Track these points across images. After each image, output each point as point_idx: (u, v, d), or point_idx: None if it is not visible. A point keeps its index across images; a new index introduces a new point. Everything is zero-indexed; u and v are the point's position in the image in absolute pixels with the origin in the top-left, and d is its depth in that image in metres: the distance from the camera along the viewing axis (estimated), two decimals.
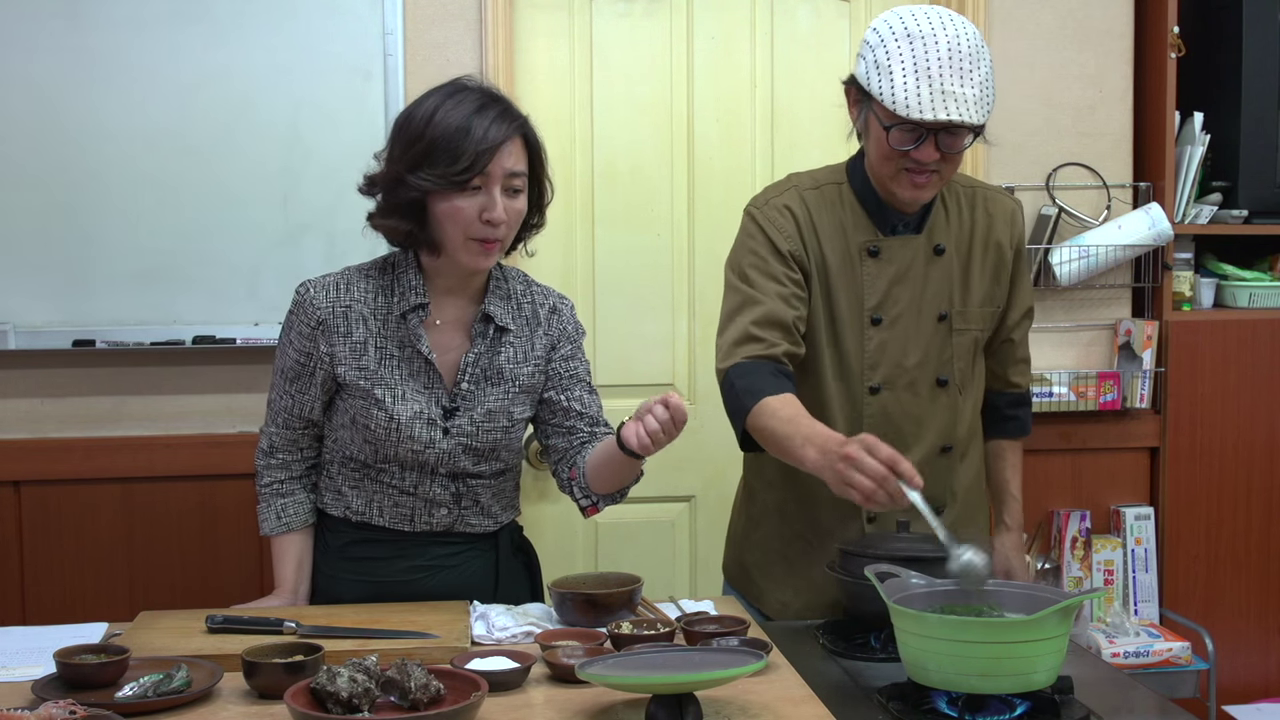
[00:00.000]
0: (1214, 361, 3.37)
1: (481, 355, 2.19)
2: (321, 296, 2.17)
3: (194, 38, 2.95)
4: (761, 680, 1.84)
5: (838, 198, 2.31)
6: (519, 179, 2.12)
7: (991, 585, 1.87)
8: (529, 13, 3.21)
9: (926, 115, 2.10)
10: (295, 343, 2.19)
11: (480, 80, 2.15)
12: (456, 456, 2.19)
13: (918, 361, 2.30)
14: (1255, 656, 3.42)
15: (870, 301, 2.28)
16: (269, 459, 2.28)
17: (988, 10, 3.26)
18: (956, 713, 1.72)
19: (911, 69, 2.12)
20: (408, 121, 2.10)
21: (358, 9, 3.01)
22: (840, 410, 2.29)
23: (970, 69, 2.12)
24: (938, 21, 2.14)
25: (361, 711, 1.62)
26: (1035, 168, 3.33)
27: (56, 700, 1.63)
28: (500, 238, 2.11)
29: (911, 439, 2.29)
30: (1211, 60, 3.35)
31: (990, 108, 2.17)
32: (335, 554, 2.27)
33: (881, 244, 2.28)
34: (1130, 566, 3.34)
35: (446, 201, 2.07)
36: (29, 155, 2.93)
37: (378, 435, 2.16)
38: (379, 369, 2.16)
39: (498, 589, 2.29)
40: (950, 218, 2.33)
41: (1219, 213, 3.36)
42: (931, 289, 2.30)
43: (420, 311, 2.17)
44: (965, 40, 2.13)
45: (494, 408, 2.20)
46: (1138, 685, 1.97)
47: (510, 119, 2.10)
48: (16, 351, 2.97)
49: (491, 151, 2.06)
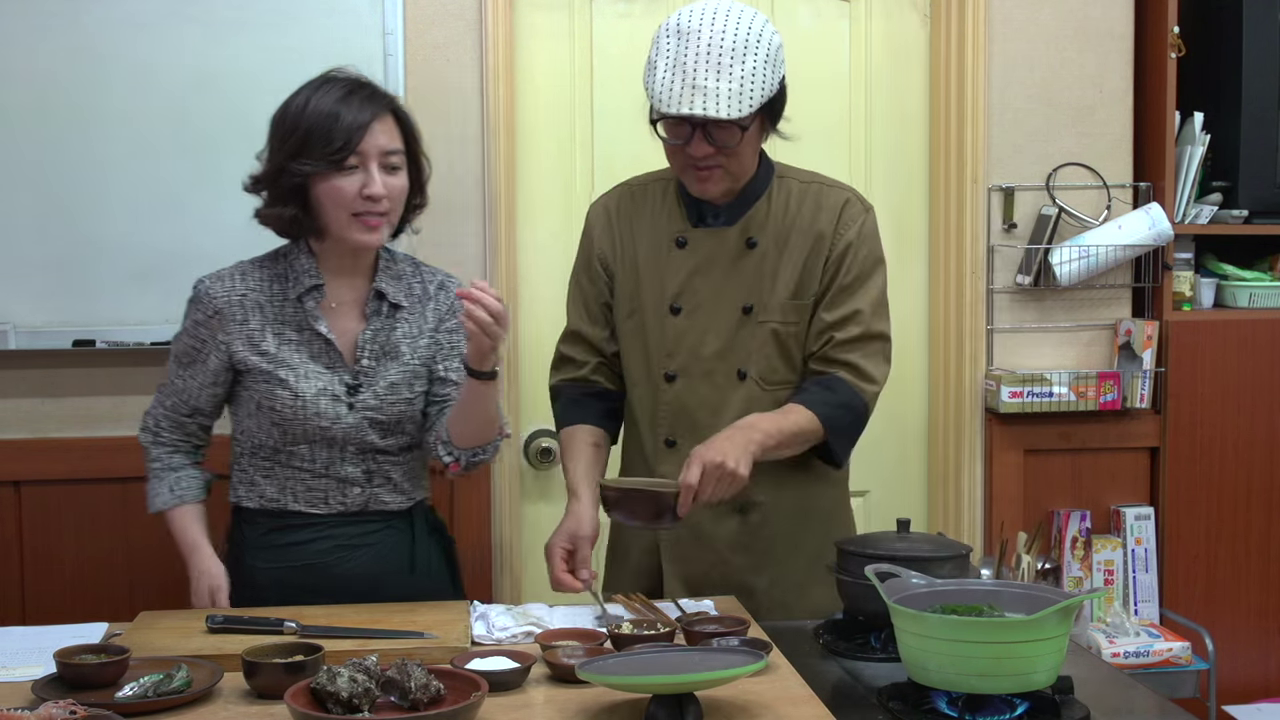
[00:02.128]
0: (1214, 361, 3.37)
1: (378, 332, 2.26)
2: (217, 288, 2.25)
3: (194, 38, 2.95)
4: (761, 680, 1.83)
5: (661, 193, 2.39)
6: (395, 156, 2.22)
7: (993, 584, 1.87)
8: (529, 13, 3.21)
9: (672, 109, 2.16)
10: (189, 330, 2.28)
11: (349, 70, 2.25)
12: (364, 430, 2.24)
13: (716, 352, 2.31)
14: (1255, 656, 3.42)
15: (671, 290, 2.33)
16: (155, 437, 2.34)
17: (988, 10, 3.26)
18: (956, 713, 1.73)
19: (669, 64, 2.18)
20: (283, 116, 2.22)
21: (358, 9, 3.01)
22: (642, 398, 2.38)
23: (730, 64, 2.14)
24: (709, 18, 2.17)
25: (361, 711, 1.62)
26: (1035, 168, 3.33)
27: (56, 700, 1.63)
28: (383, 212, 2.20)
29: (707, 430, 2.27)
30: (1211, 60, 3.35)
31: (753, 103, 2.16)
32: (253, 545, 2.30)
33: (689, 235, 2.33)
34: (1130, 566, 3.34)
35: (327, 183, 2.17)
36: (29, 155, 2.93)
37: (284, 415, 2.22)
38: (278, 352, 2.22)
39: (414, 566, 2.33)
40: (772, 211, 2.33)
41: (1219, 213, 3.36)
42: (737, 281, 2.31)
43: (315, 293, 2.24)
44: (732, 35, 2.14)
45: (395, 380, 2.26)
46: (1138, 685, 1.97)
47: (378, 99, 2.22)
48: (16, 351, 2.97)
49: (363, 129, 2.17)
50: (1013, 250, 3.32)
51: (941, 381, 3.39)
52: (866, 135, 3.38)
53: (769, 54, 2.18)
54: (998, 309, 3.33)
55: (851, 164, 3.37)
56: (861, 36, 3.36)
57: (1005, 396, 3.24)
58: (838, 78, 3.36)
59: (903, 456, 3.47)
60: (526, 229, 3.22)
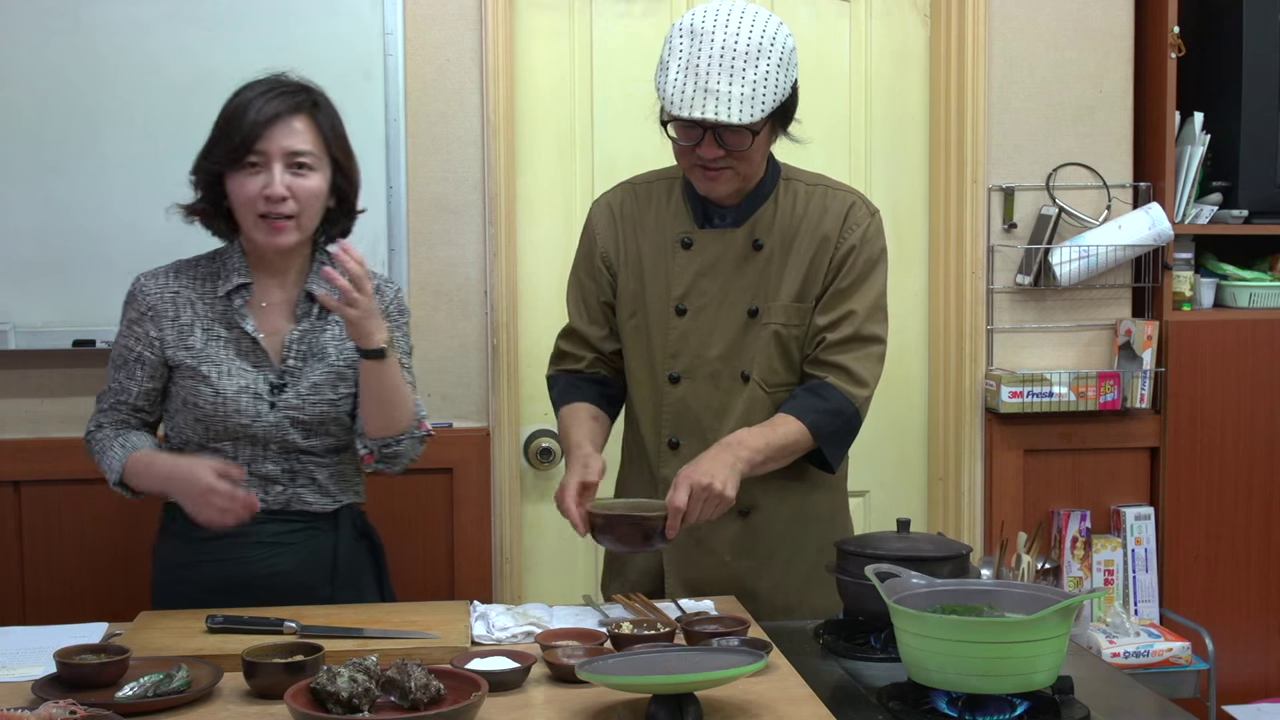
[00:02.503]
0: (1214, 361, 3.37)
1: (306, 333, 2.26)
2: (151, 285, 2.26)
3: (194, 38, 2.95)
4: (761, 680, 1.83)
5: (666, 192, 2.37)
6: (305, 157, 2.18)
7: (993, 584, 1.87)
8: (529, 13, 3.21)
9: (684, 112, 2.14)
10: (125, 330, 2.27)
11: (292, 75, 2.24)
12: (285, 429, 2.23)
13: (720, 354, 2.31)
14: (1255, 656, 3.42)
15: (676, 291, 2.32)
16: (98, 431, 2.30)
17: (988, 10, 3.26)
18: (956, 713, 1.73)
19: (681, 65, 2.15)
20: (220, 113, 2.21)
21: (358, 9, 3.01)
22: (645, 399, 2.37)
23: (743, 67, 2.12)
24: (723, 19, 2.15)
25: (361, 711, 1.62)
26: (1035, 168, 3.33)
27: (56, 700, 1.63)
28: (288, 214, 2.17)
29: (710, 432, 2.29)
30: (1211, 60, 3.35)
31: (765, 107, 2.15)
32: (177, 541, 2.29)
33: (695, 236, 2.32)
34: (1130, 566, 3.34)
35: (233, 180, 2.17)
36: (29, 155, 2.93)
37: (206, 411, 2.21)
38: (205, 348, 2.22)
39: (336, 570, 2.31)
40: (779, 213, 2.32)
41: (1219, 213, 3.36)
42: (743, 283, 2.30)
43: (244, 292, 2.24)
44: (746, 38, 2.13)
45: (319, 381, 2.25)
46: (1138, 685, 1.97)
47: (291, 97, 2.18)
48: (16, 351, 2.97)
49: (264, 125, 2.14)
50: (1013, 250, 3.32)
51: (941, 381, 3.39)
52: (866, 135, 3.38)
53: (782, 57, 2.16)
54: (998, 309, 3.33)
55: (851, 164, 3.37)
56: (861, 36, 3.36)
57: (1005, 396, 3.24)
58: (838, 78, 3.36)
59: (903, 456, 3.47)
60: (526, 229, 3.22)
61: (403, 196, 3.05)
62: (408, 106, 3.06)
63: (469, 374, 3.14)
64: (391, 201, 3.04)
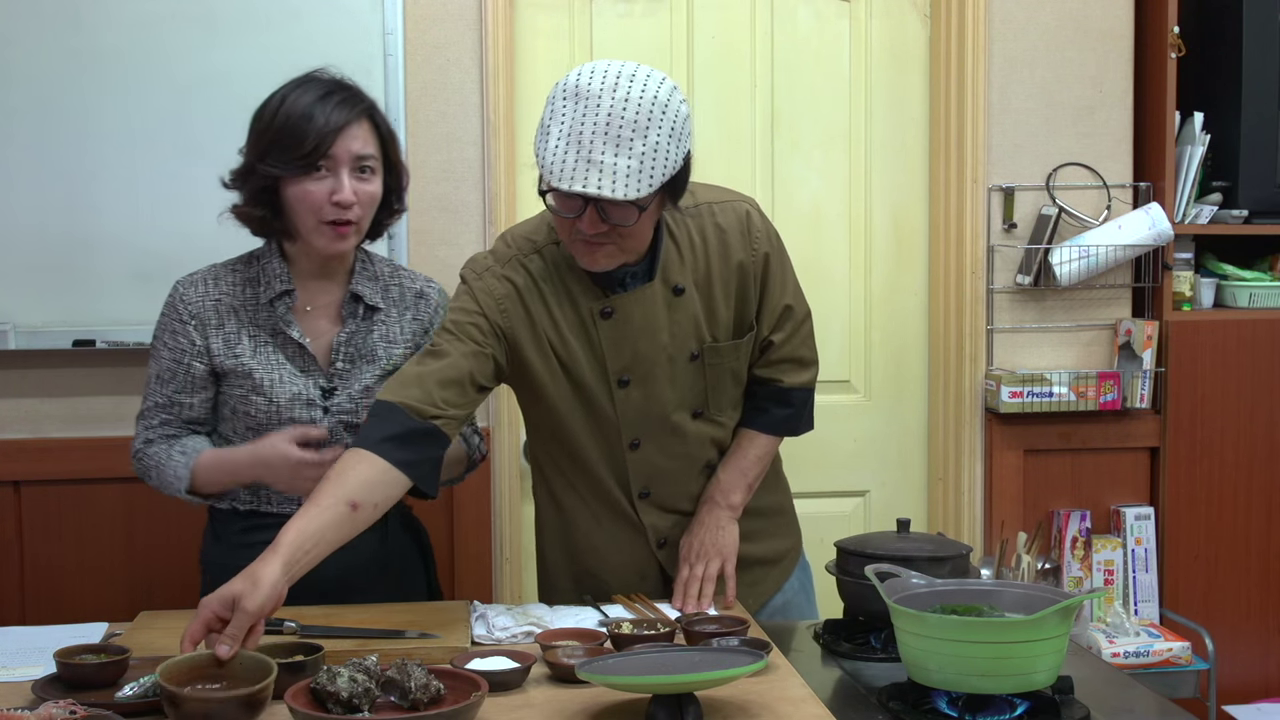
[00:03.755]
0: (1214, 361, 3.37)
1: (354, 335, 2.24)
2: (192, 292, 2.22)
3: (194, 38, 2.95)
4: (761, 680, 1.83)
5: (560, 259, 2.16)
6: (369, 161, 2.16)
7: (993, 584, 1.87)
8: (529, 13, 3.21)
9: (563, 184, 1.93)
10: (168, 342, 2.22)
11: (331, 71, 2.21)
12: (338, 434, 2.22)
13: (676, 405, 2.22)
14: (1255, 656, 3.42)
15: (615, 365, 2.17)
16: (148, 448, 2.21)
17: (988, 10, 3.26)
18: (956, 713, 1.72)
19: (563, 133, 1.94)
20: (260, 114, 2.17)
21: (358, 9, 3.01)
22: (599, 460, 2.25)
23: (630, 138, 1.92)
24: (610, 83, 1.94)
25: (361, 711, 1.62)
26: (1035, 168, 3.33)
27: (56, 700, 1.63)
28: (353, 219, 2.15)
29: (678, 474, 2.28)
30: (1211, 60, 3.35)
31: (655, 182, 1.95)
32: (227, 544, 2.26)
33: (613, 303, 2.14)
34: (1130, 566, 3.34)
35: (297, 186, 2.13)
36: (29, 155, 2.93)
37: (259, 420, 2.19)
38: (254, 356, 2.19)
39: (388, 564, 2.30)
40: (683, 252, 2.18)
41: (1219, 213, 3.36)
42: (677, 332, 2.18)
43: (287, 298, 2.21)
44: (635, 106, 1.93)
45: (370, 384, 2.23)
46: (1138, 685, 1.97)
47: (355, 102, 2.16)
48: (16, 351, 2.97)
49: (335, 134, 2.11)
50: (1013, 250, 3.32)
51: (941, 381, 3.39)
52: (866, 135, 3.38)
53: (674, 127, 1.97)
54: (998, 309, 3.33)
55: (851, 164, 3.37)
56: (861, 36, 3.36)
57: (1005, 396, 3.24)
58: (838, 78, 3.36)
59: (903, 456, 3.47)
60: None
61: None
62: (408, 106, 3.06)
63: None
64: None
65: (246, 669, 1.70)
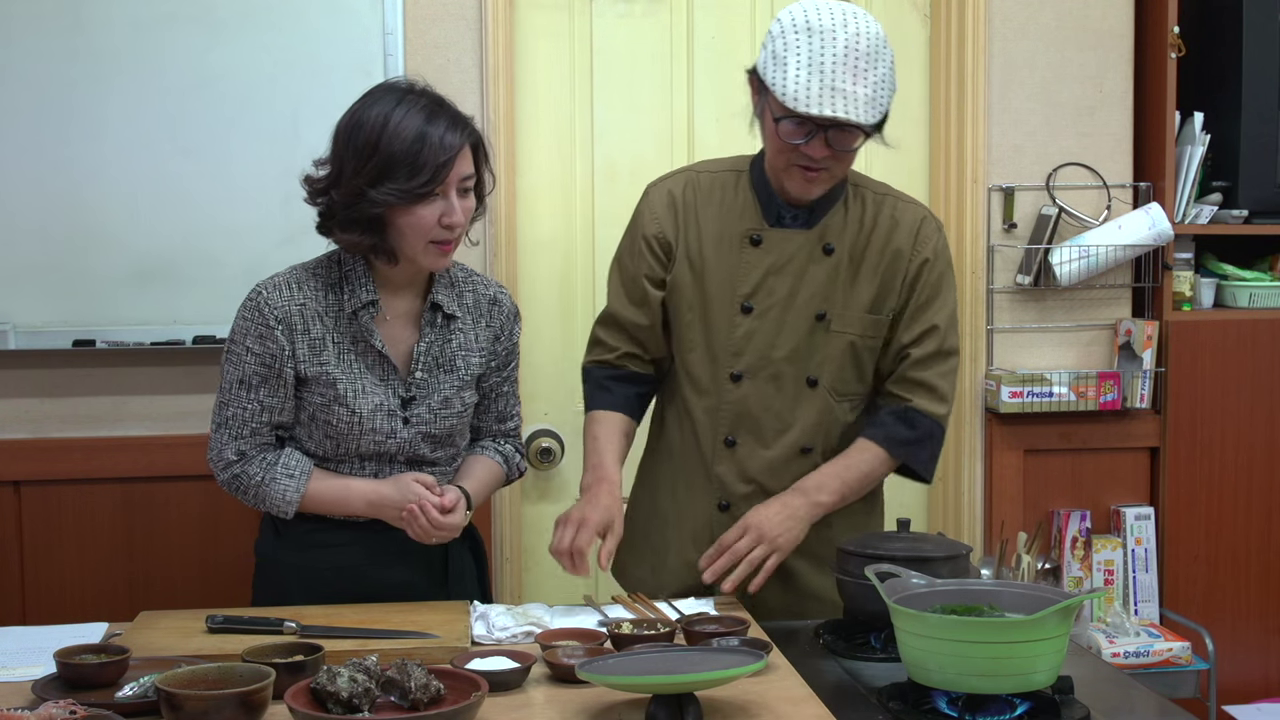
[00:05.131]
0: (1214, 361, 3.37)
1: (433, 344, 2.23)
2: (277, 296, 2.17)
3: (194, 38, 2.95)
4: (761, 680, 1.84)
5: (733, 184, 2.33)
6: (470, 180, 2.16)
7: (993, 584, 1.87)
8: (529, 13, 3.21)
9: (814, 110, 2.10)
10: (254, 347, 2.17)
11: (418, 81, 2.17)
12: (416, 444, 2.22)
13: (785, 356, 2.29)
14: (1255, 656, 3.42)
15: (743, 289, 2.29)
16: (245, 464, 2.19)
17: (988, 10, 3.26)
18: (956, 713, 1.73)
19: (805, 63, 2.12)
20: (357, 131, 2.09)
21: (358, 9, 3.01)
22: (700, 394, 2.33)
23: (866, 68, 2.12)
24: (840, 18, 2.14)
25: (361, 711, 1.62)
26: (1035, 168, 3.33)
27: (56, 700, 1.63)
28: (457, 238, 2.16)
29: (770, 434, 2.30)
30: (1211, 60, 3.35)
31: (884, 109, 2.16)
32: (290, 542, 2.25)
33: (765, 234, 2.29)
34: (1130, 566, 3.34)
35: (409, 214, 2.09)
36: (29, 155, 2.93)
37: (340, 430, 2.18)
38: (338, 365, 2.18)
39: (448, 572, 2.30)
40: (849, 219, 2.31)
41: (1219, 213, 3.36)
42: (812, 286, 2.28)
43: (371, 308, 2.19)
44: (865, 39, 2.13)
45: (449, 394, 2.23)
46: (1138, 685, 1.97)
47: (461, 125, 2.13)
48: (16, 351, 2.97)
49: (450, 163, 2.09)
50: (1013, 250, 3.32)
51: None
52: None
53: (892, 60, 2.18)
54: (998, 309, 3.33)
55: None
56: None
57: (1005, 396, 3.24)
58: None
59: None
60: (526, 229, 3.22)
61: None
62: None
63: None
64: None
65: (246, 672, 1.70)
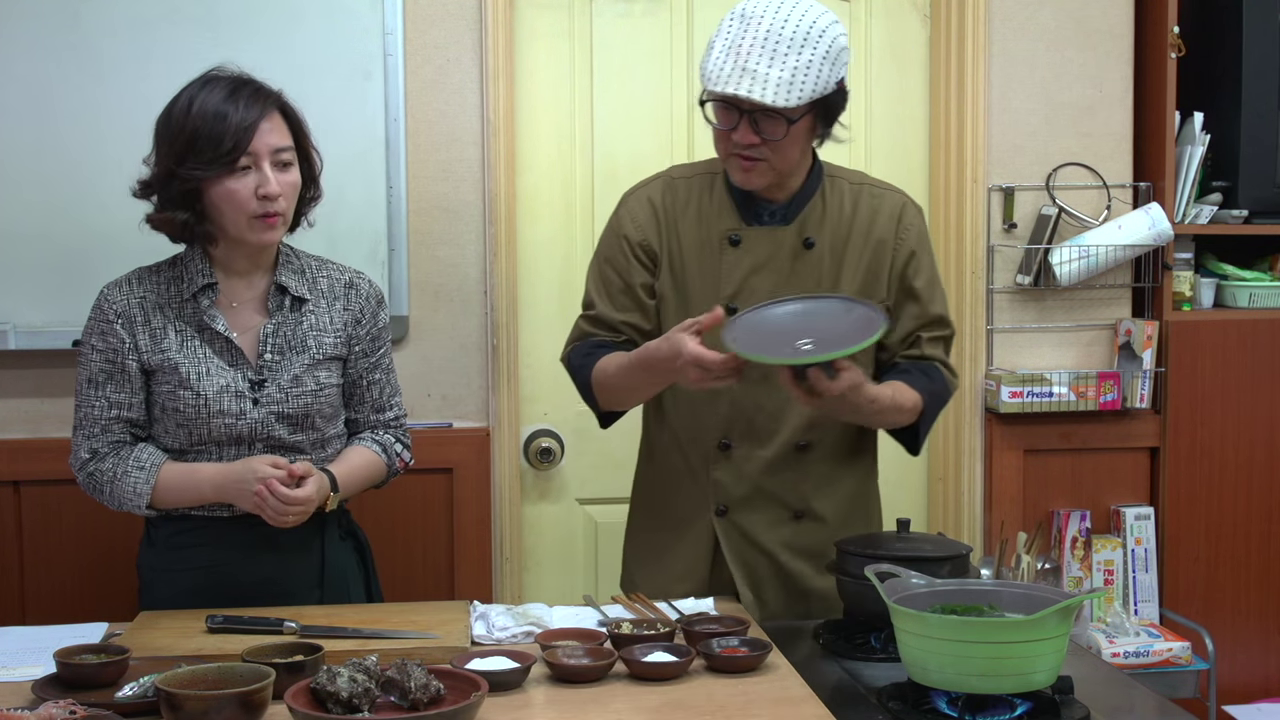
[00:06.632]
0: (1214, 361, 3.37)
1: (282, 325, 2.25)
2: (117, 293, 2.24)
3: (194, 38, 2.95)
4: (761, 680, 1.84)
5: (709, 186, 2.33)
6: (286, 153, 2.20)
7: (993, 584, 1.87)
8: (529, 13, 3.21)
9: (720, 88, 2.13)
10: (98, 345, 2.23)
11: (230, 68, 2.23)
12: (270, 425, 2.22)
13: None
14: (1255, 656, 3.42)
15: (726, 290, 2.28)
16: (98, 462, 2.21)
17: (988, 10, 3.26)
18: (956, 713, 1.73)
19: (726, 45, 2.14)
20: (168, 118, 2.19)
21: (358, 9, 3.01)
22: (690, 397, 2.30)
23: (786, 52, 2.11)
24: (774, 6, 2.14)
25: (361, 711, 1.62)
26: (1035, 168, 3.33)
27: (56, 700, 1.63)
28: (280, 211, 2.19)
29: (765, 435, 2.29)
30: (1211, 60, 3.35)
31: (804, 96, 2.12)
32: (160, 547, 2.26)
33: (743, 233, 2.28)
34: (1130, 566, 3.34)
35: (220, 185, 2.15)
36: (29, 155, 2.93)
37: (188, 416, 2.20)
38: (180, 351, 2.21)
39: (324, 572, 2.29)
40: (828, 211, 2.30)
41: (1219, 213, 3.36)
42: (795, 282, 2.27)
43: (210, 291, 2.22)
44: (793, 25, 2.12)
45: (299, 373, 2.24)
46: (1138, 685, 1.97)
47: (264, 96, 2.19)
48: (16, 351, 2.97)
49: (252, 129, 2.14)
50: (1013, 250, 3.32)
51: None
52: (866, 135, 3.37)
53: (829, 51, 2.14)
54: (998, 309, 3.33)
55: (851, 164, 3.35)
56: (862, 36, 3.35)
57: (1005, 396, 3.24)
58: None
59: (903, 456, 3.46)
60: (526, 229, 3.22)
61: (403, 196, 3.06)
62: (408, 106, 3.06)
63: (469, 374, 3.14)
64: (391, 201, 3.05)
65: (246, 672, 1.70)
